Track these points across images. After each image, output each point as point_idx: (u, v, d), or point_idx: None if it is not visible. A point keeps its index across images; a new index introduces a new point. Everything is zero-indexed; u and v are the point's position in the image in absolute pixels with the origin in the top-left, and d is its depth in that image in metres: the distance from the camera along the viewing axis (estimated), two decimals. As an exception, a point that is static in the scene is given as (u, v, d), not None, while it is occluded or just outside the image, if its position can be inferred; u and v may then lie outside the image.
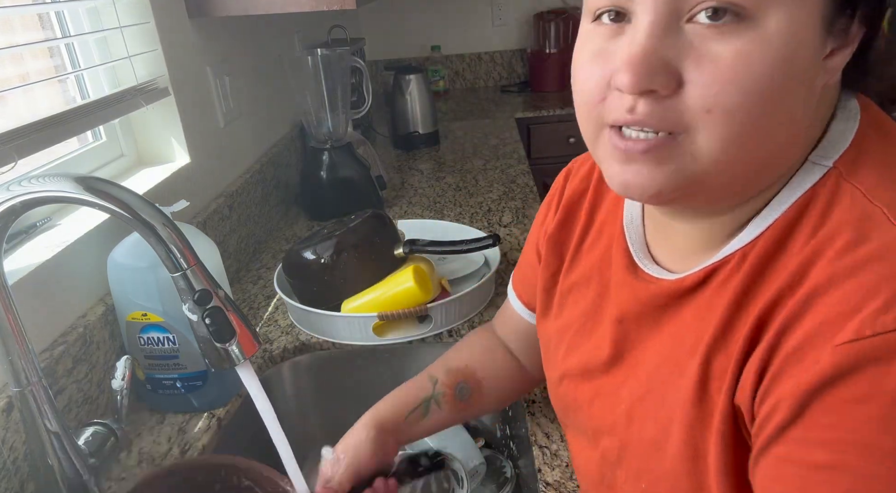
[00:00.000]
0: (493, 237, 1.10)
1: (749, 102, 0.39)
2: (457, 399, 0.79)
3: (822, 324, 0.38)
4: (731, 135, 0.40)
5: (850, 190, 0.40)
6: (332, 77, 1.55)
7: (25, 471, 0.76)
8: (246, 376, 0.68)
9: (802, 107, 0.41)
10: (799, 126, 0.42)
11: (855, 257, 0.38)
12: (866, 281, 0.37)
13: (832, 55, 0.40)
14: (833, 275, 0.38)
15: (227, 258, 1.25)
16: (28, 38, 1.02)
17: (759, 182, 0.44)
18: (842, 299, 0.37)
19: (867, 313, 0.36)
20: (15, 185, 0.60)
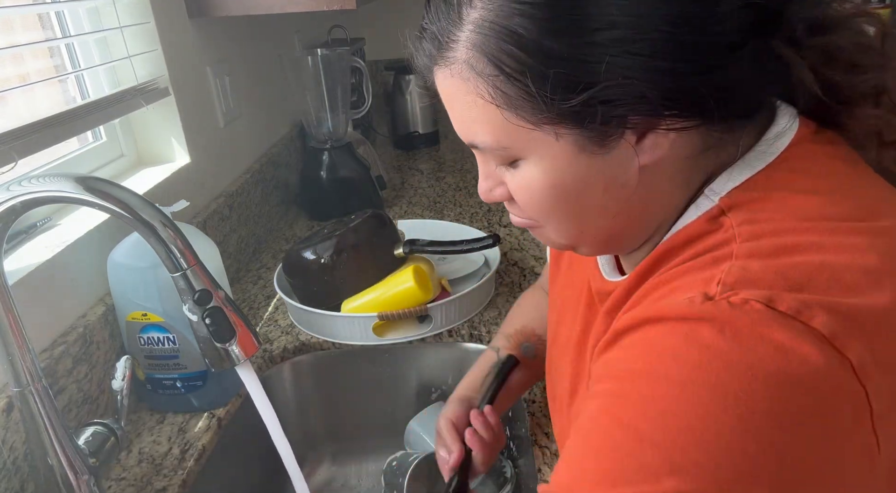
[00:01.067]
0: (493, 237, 1.10)
1: (550, 211, 0.51)
2: (525, 359, 0.84)
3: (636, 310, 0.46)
4: (561, 229, 0.52)
5: (725, 222, 0.46)
6: (332, 77, 1.55)
7: (25, 471, 0.76)
8: (246, 376, 0.68)
9: (605, 195, 0.49)
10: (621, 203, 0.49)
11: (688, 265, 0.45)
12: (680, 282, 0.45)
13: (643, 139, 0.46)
14: (671, 275, 0.46)
15: (227, 258, 1.25)
16: (28, 38, 1.02)
17: (636, 237, 0.53)
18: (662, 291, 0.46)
19: (661, 301, 0.44)
20: (15, 185, 0.60)
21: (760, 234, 0.43)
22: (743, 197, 0.46)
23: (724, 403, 0.38)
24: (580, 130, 0.45)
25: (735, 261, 0.42)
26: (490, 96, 0.46)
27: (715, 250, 0.45)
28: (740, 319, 0.39)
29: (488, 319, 1.11)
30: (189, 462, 0.85)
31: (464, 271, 1.20)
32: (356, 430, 1.16)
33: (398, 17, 2.99)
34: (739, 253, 0.43)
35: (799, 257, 0.41)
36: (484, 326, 1.09)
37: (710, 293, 0.41)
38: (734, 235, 0.44)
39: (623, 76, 0.42)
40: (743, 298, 0.39)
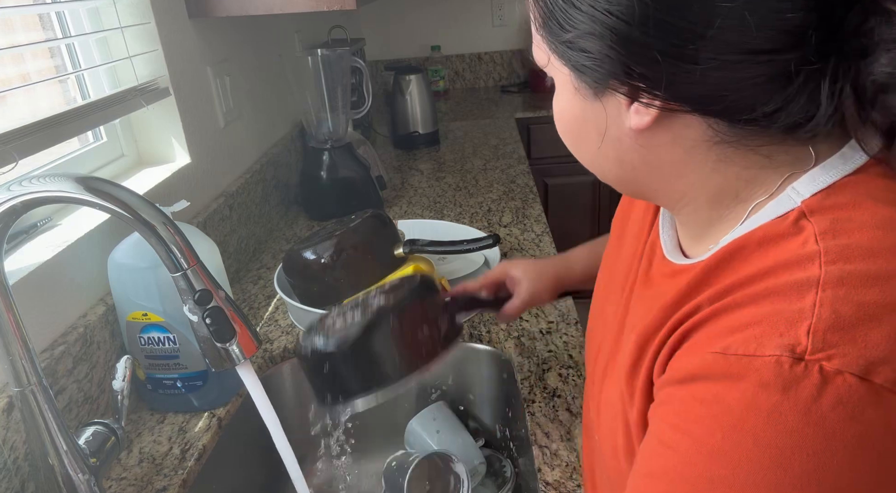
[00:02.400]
0: (493, 237, 1.11)
1: (563, 136, 0.56)
2: None
3: (713, 332, 0.43)
4: (578, 156, 0.56)
5: (807, 228, 0.43)
6: (332, 77, 1.55)
7: (26, 471, 0.76)
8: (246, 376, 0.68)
9: (600, 141, 0.51)
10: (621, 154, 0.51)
11: (767, 285, 0.42)
12: (761, 308, 0.41)
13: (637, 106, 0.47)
14: (745, 297, 0.43)
15: (227, 258, 1.25)
16: (29, 38, 1.02)
17: (657, 196, 0.54)
18: (736, 318, 0.42)
19: (743, 335, 0.41)
20: (15, 185, 0.60)
21: (849, 254, 0.41)
22: (827, 202, 0.44)
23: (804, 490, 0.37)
24: (573, 72, 0.49)
25: (823, 293, 0.40)
26: (533, 17, 0.51)
27: (797, 268, 0.42)
28: (831, 398, 0.37)
29: (488, 319, 1.11)
30: (189, 462, 0.85)
31: (464, 271, 1.20)
32: (356, 430, 1.16)
33: (398, 17, 3.00)
34: (828, 282, 0.40)
35: (882, 288, 0.39)
36: (484, 326, 1.09)
37: (799, 350, 0.38)
38: (818, 252, 0.41)
39: (597, 33, 0.45)
40: (836, 367, 0.37)
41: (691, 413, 0.42)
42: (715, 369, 0.41)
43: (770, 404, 0.38)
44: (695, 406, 0.42)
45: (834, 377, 0.37)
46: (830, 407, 0.37)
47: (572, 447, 0.83)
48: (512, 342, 1.04)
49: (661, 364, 0.48)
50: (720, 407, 0.40)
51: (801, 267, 0.41)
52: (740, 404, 0.39)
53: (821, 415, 0.37)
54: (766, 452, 0.38)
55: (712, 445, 0.40)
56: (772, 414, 0.38)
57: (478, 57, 3.04)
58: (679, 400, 0.44)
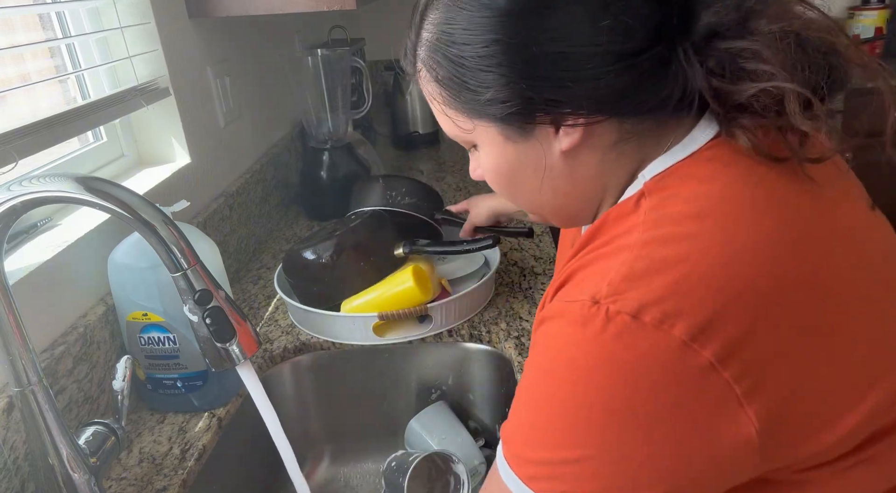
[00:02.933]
0: (493, 238, 1.11)
1: (503, 189, 0.63)
2: None
3: (567, 284, 0.55)
4: (521, 204, 0.65)
5: (643, 205, 0.52)
6: (332, 77, 1.55)
7: (26, 471, 0.76)
8: (246, 376, 0.68)
9: (536, 176, 0.58)
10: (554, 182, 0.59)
11: (604, 250, 0.52)
12: (593, 267, 0.52)
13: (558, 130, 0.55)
14: (590, 259, 0.53)
15: (227, 258, 1.25)
16: (29, 38, 1.02)
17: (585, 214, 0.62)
18: (579, 276, 0.53)
19: (573, 287, 0.53)
20: (15, 185, 0.60)
21: (659, 222, 0.50)
22: (662, 183, 0.53)
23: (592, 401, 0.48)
24: (498, 123, 0.56)
25: (629, 253, 0.49)
26: (438, 97, 0.59)
27: (624, 236, 0.52)
28: (612, 329, 0.47)
29: (488, 319, 1.11)
30: (189, 462, 0.85)
31: (464, 271, 1.20)
32: (356, 430, 1.16)
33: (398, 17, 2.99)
34: (635, 244, 0.50)
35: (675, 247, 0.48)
36: (484, 326, 1.09)
37: (598, 296, 0.48)
38: (642, 222, 0.51)
39: (510, 83, 0.52)
40: (617, 308, 0.47)
41: (534, 344, 0.55)
42: (551, 312, 0.53)
43: (573, 336, 0.49)
44: (537, 338, 0.55)
45: (615, 316, 0.47)
46: (611, 339, 0.47)
47: (572, 447, 0.83)
48: (512, 342, 1.04)
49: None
50: (546, 337, 0.53)
51: (626, 235, 0.51)
52: (556, 335, 0.51)
53: (604, 343, 0.47)
54: (567, 370, 0.50)
55: (538, 366, 0.53)
56: (572, 343, 0.50)
57: (478, 57, 3.04)
58: (534, 335, 0.56)
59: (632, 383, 0.47)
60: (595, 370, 0.48)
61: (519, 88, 0.52)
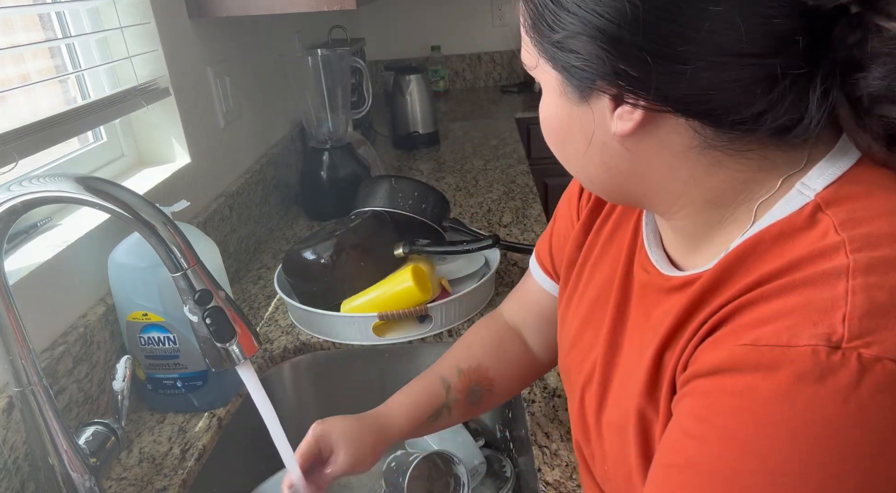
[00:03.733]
0: (493, 238, 1.11)
1: (549, 141, 0.56)
2: (468, 403, 0.80)
3: (740, 326, 0.43)
4: (564, 163, 0.56)
5: (824, 220, 0.43)
6: (332, 77, 1.55)
7: (26, 471, 0.76)
8: (246, 376, 0.68)
9: (586, 146, 0.51)
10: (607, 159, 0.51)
11: (794, 278, 0.42)
12: (790, 300, 0.41)
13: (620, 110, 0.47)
14: (772, 290, 0.42)
15: (227, 258, 1.25)
16: (29, 38, 1.02)
17: (645, 201, 0.54)
18: (764, 311, 0.42)
19: (774, 327, 0.40)
20: (16, 185, 0.60)
21: (873, 241, 0.41)
22: (841, 193, 0.44)
23: (842, 483, 0.37)
24: (561, 73, 0.50)
25: (854, 281, 0.39)
26: (522, 17, 0.52)
27: (822, 259, 0.41)
28: (871, 382, 0.37)
29: (488, 319, 1.11)
30: (189, 462, 0.85)
31: (464, 271, 1.20)
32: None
33: (398, 17, 3.00)
34: (857, 269, 0.40)
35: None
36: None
37: (836, 338, 0.38)
38: (842, 241, 0.41)
39: (587, 33, 0.45)
40: (875, 354, 0.37)
41: (719, 405, 0.41)
42: (746, 361, 0.40)
43: (807, 395, 0.37)
44: (723, 398, 0.41)
45: (873, 365, 0.37)
46: (870, 395, 0.36)
47: (572, 447, 0.83)
48: (512, 342, 1.04)
49: (683, 365, 0.47)
50: (752, 398, 0.39)
51: (826, 258, 0.41)
52: (775, 395, 0.38)
53: (860, 404, 0.36)
54: (803, 443, 0.37)
55: (743, 437, 0.39)
56: (809, 405, 0.37)
57: (478, 57, 3.04)
58: (705, 392, 0.43)
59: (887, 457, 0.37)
60: (848, 439, 0.37)
61: (594, 43, 0.45)
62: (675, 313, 0.49)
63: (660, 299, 0.54)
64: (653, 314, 0.54)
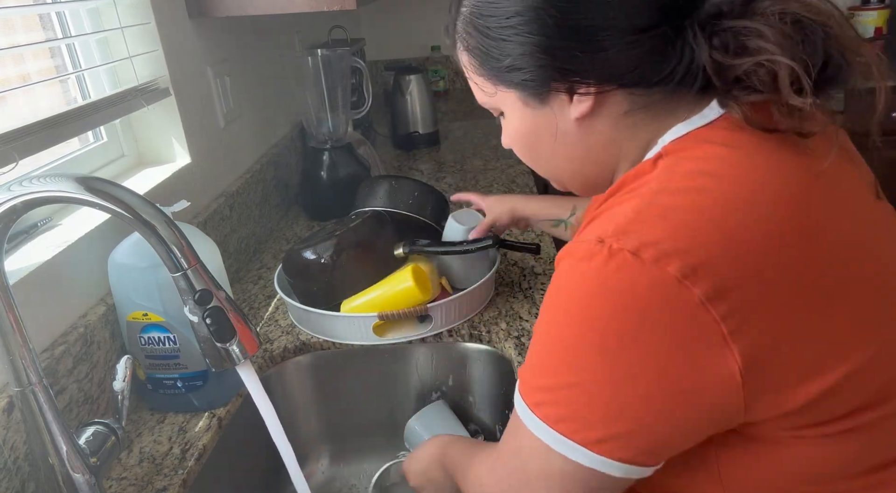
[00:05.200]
0: (493, 238, 1.11)
1: (524, 155, 0.70)
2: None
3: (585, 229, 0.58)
4: (542, 171, 0.71)
5: (660, 164, 0.57)
6: (332, 77, 1.55)
7: (26, 471, 0.76)
8: (246, 376, 0.68)
9: (553, 141, 0.64)
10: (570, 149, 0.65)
11: (613, 202, 0.57)
12: (608, 212, 0.56)
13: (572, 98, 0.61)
14: (607, 205, 0.58)
15: (227, 258, 1.25)
16: (29, 38, 1.02)
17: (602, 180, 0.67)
18: (597, 219, 0.57)
19: (590, 228, 0.55)
20: (16, 185, 0.60)
21: (671, 176, 0.55)
22: (679, 145, 0.58)
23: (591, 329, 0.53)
24: (517, 89, 0.62)
25: (641, 200, 0.54)
26: (469, 65, 0.66)
27: (639, 187, 0.56)
28: (612, 264, 0.51)
29: (488, 319, 1.11)
30: (189, 462, 0.85)
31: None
32: (356, 430, 1.16)
33: (398, 17, 3.00)
34: (648, 192, 0.54)
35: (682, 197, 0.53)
36: (484, 326, 1.09)
37: (603, 236, 0.53)
38: (656, 176, 0.56)
39: (527, 52, 0.59)
40: (620, 246, 0.52)
41: (550, 285, 0.58)
42: (564, 252, 0.57)
43: (578, 270, 0.54)
44: (552, 279, 0.58)
45: (617, 253, 0.52)
46: (612, 272, 0.51)
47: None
48: (512, 342, 1.04)
49: None
50: (557, 274, 0.57)
51: (641, 187, 0.56)
52: (565, 271, 0.56)
53: (604, 276, 0.52)
54: (570, 301, 0.54)
55: (548, 300, 0.57)
56: (577, 276, 0.54)
57: (478, 57, 3.04)
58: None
59: (626, 313, 0.51)
60: (593, 300, 0.52)
61: (535, 57, 0.58)
62: None
63: None
64: None
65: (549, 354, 0.56)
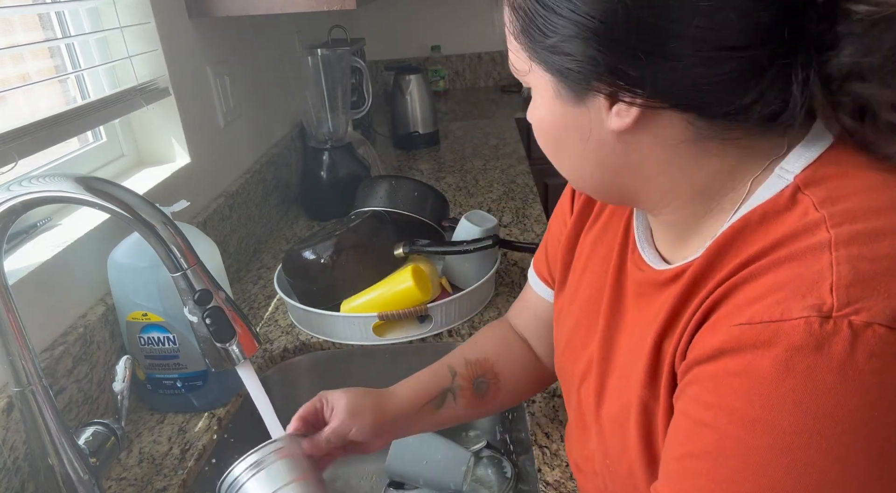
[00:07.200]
0: (493, 238, 1.11)
1: (543, 144, 0.57)
2: (474, 394, 0.80)
3: (733, 307, 0.44)
4: (557, 165, 0.57)
5: (804, 200, 0.45)
6: (332, 77, 1.55)
7: (26, 471, 0.76)
8: (246, 376, 0.68)
9: (582, 145, 0.52)
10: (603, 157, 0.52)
11: (780, 255, 0.43)
12: (778, 276, 0.42)
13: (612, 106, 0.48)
14: (759, 268, 0.44)
15: (227, 258, 1.25)
16: (29, 38, 1.02)
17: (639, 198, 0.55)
18: (754, 289, 0.43)
19: (765, 303, 0.41)
20: (15, 185, 0.60)
21: (851, 216, 0.42)
22: (818, 174, 0.46)
23: (852, 447, 0.38)
24: (555, 77, 0.50)
25: (837, 252, 0.41)
26: (509, 24, 0.53)
27: (805, 235, 0.43)
28: (864, 347, 0.38)
29: (488, 319, 1.11)
30: (189, 462, 0.85)
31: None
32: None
33: (398, 17, 3.00)
34: (838, 242, 0.41)
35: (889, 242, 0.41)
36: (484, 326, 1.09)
37: (826, 308, 0.39)
38: (822, 218, 0.43)
39: (579, 35, 0.46)
40: (865, 320, 0.38)
41: (724, 387, 0.42)
42: (743, 341, 0.41)
43: (805, 366, 0.39)
44: (726, 379, 0.42)
45: (864, 330, 0.38)
46: (864, 360, 0.38)
47: (572, 447, 0.83)
48: (512, 342, 1.04)
49: (681, 353, 0.48)
50: (754, 376, 0.41)
51: (808, 233, 0.43)
52: (775, 369, 0.40)
53: (856, 370, 0.38)
54: (808, 413, 0.39)
55: (752, 415, 0.41)
56: (808, 375, 0.39)
57: (478, 57, 3.04)
58: (709, 377, 0.44)
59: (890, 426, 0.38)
60: (850, 404, 0.38)
61: (586, 44, 0.46)
62: (670, 303, 0.51)
63: (655, 293, 0.55)
64: (649, 309, 0.55)
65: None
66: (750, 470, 0.41)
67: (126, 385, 0.76)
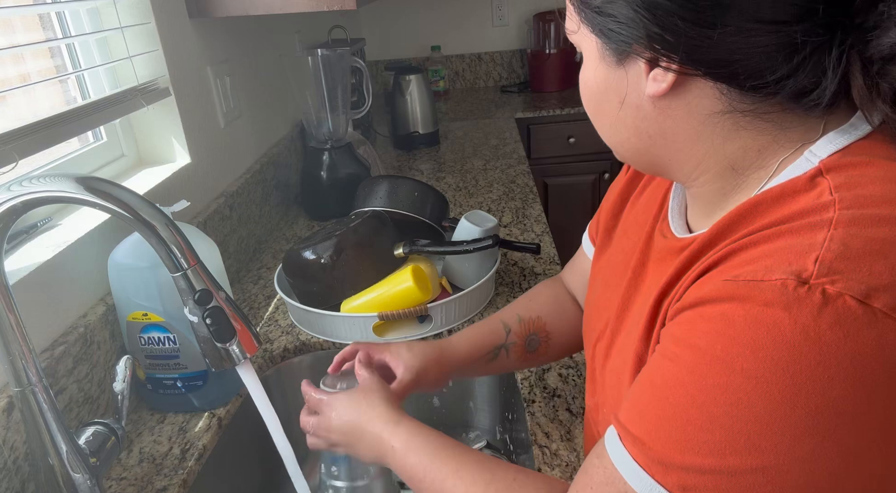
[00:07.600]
0: (493, 238, 1.11)
1: (586, 105, 0.59)
2: (525, 350, 0.85)
3: (726, 267, 0.46)
4: (597, 126, 0.59)
5: (822, 184, 0.46)
6: (332, 77, 1.55)
7: (26, 471, 0.76)
8: (246, 376, 0.68)
9: (620, 109, 0.54)
10: (638, 122, 0.54)
11: (782, 228, 0.45)
12: (774, 244, 0.44)
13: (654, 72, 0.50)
14: (760, 237, 0.46)
15: (227, 258, 1.25)
16: (29, 38, 1.02)
17: (670, 166, 0.56)
18: (750, 254, 0.45)
19: (754, 266, 0.44)
20: (16, 185, 0.60)
21: (862, 201, 0.43)
22: (843, 161, 0.47)
23: (794, 401, 0.40)
24: (599, 37, 0.53)
25: (834, 230, 0.42)
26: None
27: (813, 214, 0.44)
28: (828, 314, 0.39)
29: (488, 319, 1.11)
30: (189, 462, 0.85)
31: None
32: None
33: (398, 17, 3.00)
34: (840, 221, 0.43)
35: (890, 229, 0.42)
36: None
37: (805, 275, 0.41)
38: (833, 201, 0.44)
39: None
40: (839, 290, 0.40)
41: (696, 329, 0.45)
42: (723, 293, 0.44)
43: (771, 320, 0.41)
44: (700, 323, 0.45)
45: (835, 299, 0.40)
46: (829, 326, 0.40)
47: (572, 447, 0.83)
48: (512, 342, 1.04)
49: (676, 308, 0.50)
50: (724, 322, 0.43)
51: (816, 213, 0.44)
52: (744, 319, 0.42)
53: (819, 332, 0.40)
54: (763, 363, 0.41)
55: (712, 354, 0.44)
56: (772, 329, 0.41)
57: (478, 57, 3.04)
58: (686, 319, 0.47)
59: (849, 381, 0.39)
60: (803, 362, 0.40)
61: (631, 6, 0.49)
62: (676, 265, 0.53)
63: (670, 259, 0.57)
64: (663, 274, 0.57)
65: (715, 424, 0.43)
66: (696, 402, 0.44)
67: (126, 385, 0.76)
